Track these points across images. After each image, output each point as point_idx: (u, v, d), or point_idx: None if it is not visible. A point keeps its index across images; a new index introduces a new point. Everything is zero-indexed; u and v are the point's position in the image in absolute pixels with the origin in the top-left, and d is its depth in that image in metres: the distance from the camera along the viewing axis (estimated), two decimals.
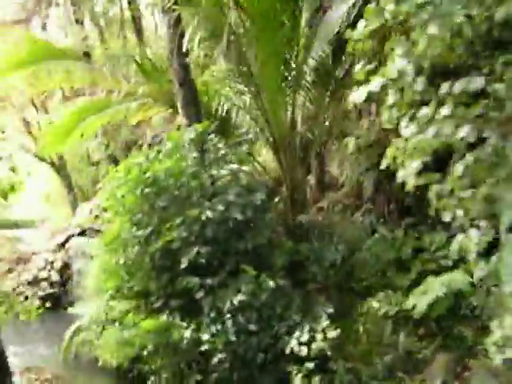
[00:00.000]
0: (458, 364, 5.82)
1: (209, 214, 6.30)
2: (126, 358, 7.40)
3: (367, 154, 9.42)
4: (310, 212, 9.07)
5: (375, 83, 3.94)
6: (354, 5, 8.36)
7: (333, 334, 5.76)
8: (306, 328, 5.94)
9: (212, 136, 7.02)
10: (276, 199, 8.55)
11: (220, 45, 7.23)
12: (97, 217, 14.27)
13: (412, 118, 3.89)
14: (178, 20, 7.41)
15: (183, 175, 6.68)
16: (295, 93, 8.63)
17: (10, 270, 14.10)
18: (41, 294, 13.49)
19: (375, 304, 6.21)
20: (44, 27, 14.10)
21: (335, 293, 7.13)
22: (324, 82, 8.69)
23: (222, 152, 7.07)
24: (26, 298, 12.92)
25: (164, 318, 6.38)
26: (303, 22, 8.75)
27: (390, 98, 4.18)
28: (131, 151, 15.94)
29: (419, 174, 4.11)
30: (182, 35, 7.25)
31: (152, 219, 6.74)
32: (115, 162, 15.33)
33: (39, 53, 7.79)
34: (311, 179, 10.26)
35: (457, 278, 6.05)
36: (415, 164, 4.07)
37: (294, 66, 8.51)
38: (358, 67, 4.52)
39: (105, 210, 14.15)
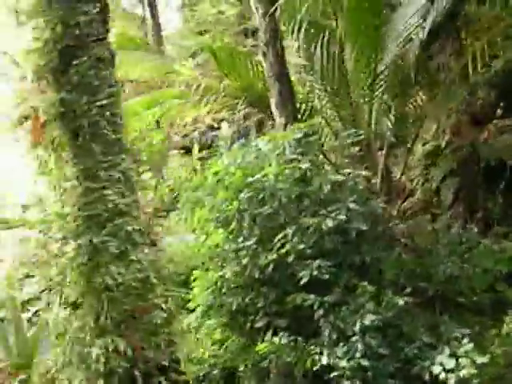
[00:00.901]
0: None
1: (329, 223, 5.68)
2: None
3: (444, 161, 8.97)
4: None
5: None
6: None
7: (482, 359, 5.18)
8: (446, 352, 5.35)
9: (315, 137, 6.40)
10: None
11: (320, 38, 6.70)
12: None
13: None
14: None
15: (291, 180, 6.04)
16: (372, 92, 8.10)
17: (28, 275, 13.15)
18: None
19: None
20: None
21: (442, 309, 6.59)
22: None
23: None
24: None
25: (276, 339, 5.72)
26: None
27: None
28: None
29: None
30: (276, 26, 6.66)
31: (253, 228, 6.09)
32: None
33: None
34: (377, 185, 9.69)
35: None
36: None
37: (373, 63, 7.98)
38: None
39: None
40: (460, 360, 5.28)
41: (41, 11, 3.82)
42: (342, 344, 5.45)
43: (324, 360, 5.31)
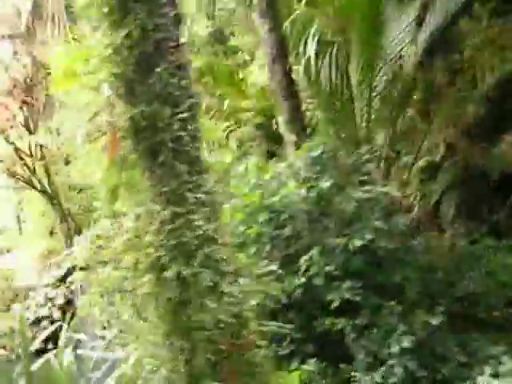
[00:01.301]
0: None
1: (357, 242, 5.47)
2: None
3: (442, 176, 8.91)
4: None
5: None
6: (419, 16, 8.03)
7: None
8: (487, 371, 5.18)
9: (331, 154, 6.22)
10: None
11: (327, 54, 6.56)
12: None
13: None
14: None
15: (311, 199, 5.82)
16: (370, 107, 8.01)
17: (8, 309, 12.52)
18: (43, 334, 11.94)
19: None
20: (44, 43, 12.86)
21: (465, 326, 6.44)
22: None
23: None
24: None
25: (305, 366, 5.45)
26: None
27: None
28: None
29: None
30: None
31: (273, 252, 5.84)
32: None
33: None
34: None
35: None
36: None
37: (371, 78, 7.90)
38: None
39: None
40: (506, 379, 5.11)
41: (115, 16, 3.39)
42: (381, 368, 5.21)
43: None
